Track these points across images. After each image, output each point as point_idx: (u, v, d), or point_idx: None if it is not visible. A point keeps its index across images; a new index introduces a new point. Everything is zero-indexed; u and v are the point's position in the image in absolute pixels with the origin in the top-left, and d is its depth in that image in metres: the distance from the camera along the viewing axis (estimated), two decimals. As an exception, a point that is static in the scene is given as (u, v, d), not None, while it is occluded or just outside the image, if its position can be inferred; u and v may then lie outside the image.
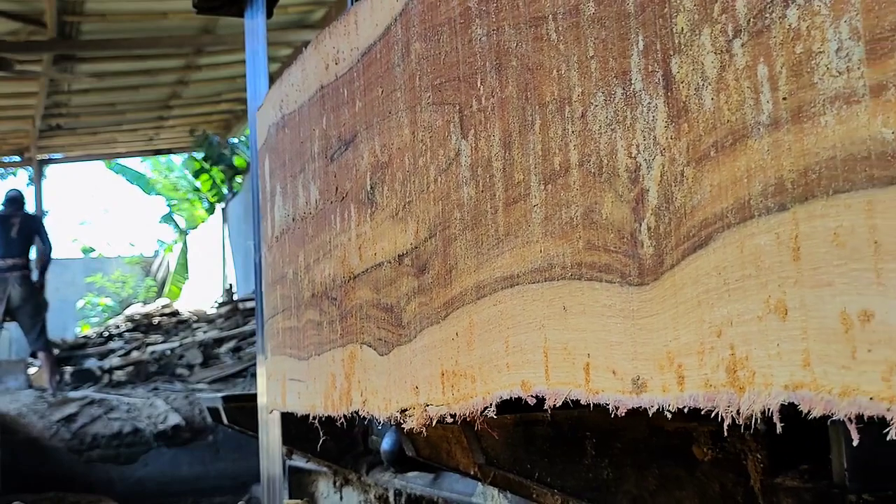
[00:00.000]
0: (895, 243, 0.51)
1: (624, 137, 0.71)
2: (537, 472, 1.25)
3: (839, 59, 0.54)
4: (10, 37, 7.93)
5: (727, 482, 1.33)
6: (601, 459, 1.28)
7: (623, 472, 1.29)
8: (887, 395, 0.51)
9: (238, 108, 9.53)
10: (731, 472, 1.33)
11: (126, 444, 8.26)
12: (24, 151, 10.59)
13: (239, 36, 4.14)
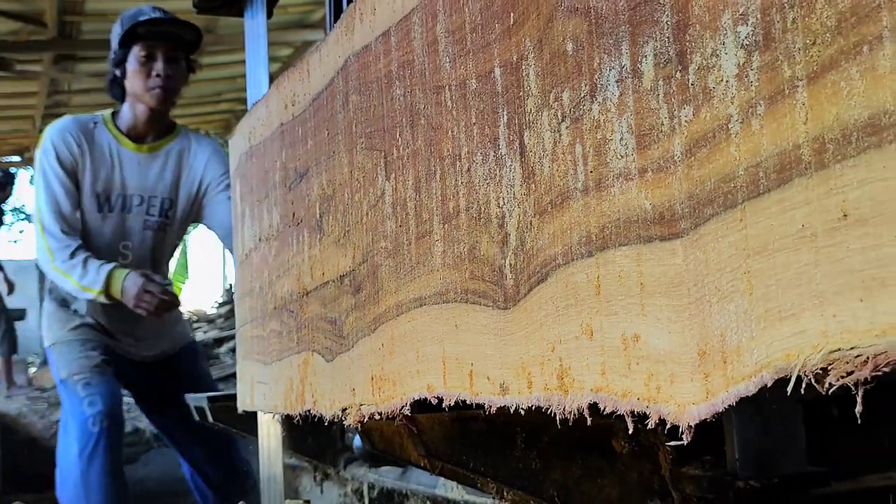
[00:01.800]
0: (653, 285, 0.72)
1: (494, 191, 0.92)
2: (472, 462, 1.46)
3: (621, 146, 0.75)
4: (11, 37, 8.11)
5: (644, 471, 1.54)
6: (530, 451, 1.49)
7: (550, 463, 1.50)
8: (647, 397, 0.72)
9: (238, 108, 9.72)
10: (646, 463, 1.53)
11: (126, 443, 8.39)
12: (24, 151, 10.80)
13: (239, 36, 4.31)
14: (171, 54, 3.03)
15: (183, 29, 3.11)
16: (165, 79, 3.00)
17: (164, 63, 3.01)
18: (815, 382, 0.59)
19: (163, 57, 3.02)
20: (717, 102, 0.65)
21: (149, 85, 3.04)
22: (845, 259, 0.56)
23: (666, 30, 0.70)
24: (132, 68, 3.11)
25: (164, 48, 3.02)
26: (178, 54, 3.06)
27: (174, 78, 3.04)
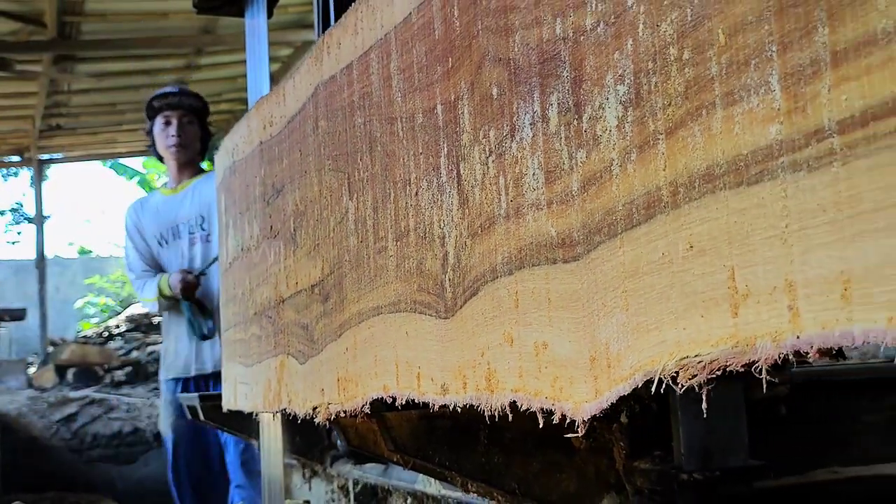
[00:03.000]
0: (558, 300, 0.86)
1: (437, 214, 1.06)
2: (438, 457, 1.60)
3: (533, 180, 0.89)
4: (11, 37, 8.20)
5: (600, 466, 1.67)
6: (492, 447, 1.63)
7: (511, 458, 1.64)
8: (553, 396, 0.86)
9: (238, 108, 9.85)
10: (603, 458, 1.66)
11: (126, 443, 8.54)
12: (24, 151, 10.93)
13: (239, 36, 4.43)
14: (183, 119, 4.00)
15: (190, 98, 4.10)
16: (178, 137, 3.96)
17: (178, 126, 3.97)
18: (672, 383, 0.72)
19: (176, 122, 3.98)
20: (603, 148, 0.79)
21: (167, 143, 3.99)
22: (691, 282, 0.70)
23: (566, 83, 0.83)
24: (156, 133, 4.05)
25: (178, 115, 3.99)
26: (190, 118, 4.03)
27: (186, 136, 4.00)
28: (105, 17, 8.19)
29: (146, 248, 4.06)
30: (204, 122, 4.11)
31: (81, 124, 10.46)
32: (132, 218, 4.12)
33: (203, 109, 4.12)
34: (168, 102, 4.00)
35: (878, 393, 1.83)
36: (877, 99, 0.55)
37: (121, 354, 10.00)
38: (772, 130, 0.63)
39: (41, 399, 8.50)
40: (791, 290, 0.61)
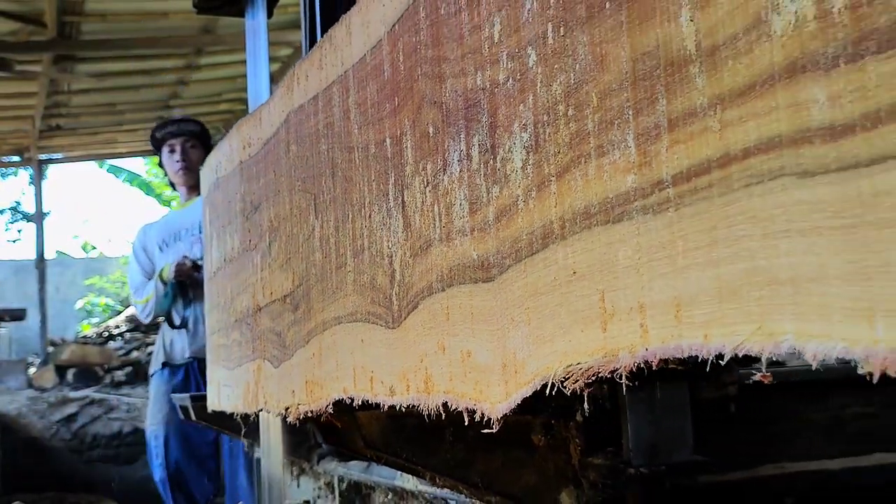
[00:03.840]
0: (479, 314, 1.01)
1: (386, 235, 1.21)
2: (405, 453, 1.76)
3: (460, 210, 1.04)
4: (11, 37, 8.30)
5: (559, 461, 1.82)
6: (457, 444, 1.78)
7: (475, 455, 1.79)
8: (475, 398, 1.01)
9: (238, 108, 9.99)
10: (561, 454, 1.82)
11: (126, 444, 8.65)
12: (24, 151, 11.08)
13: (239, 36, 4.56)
14: (186, 144, 4.44)
15: (189, 124, 4.60)
16: (183, 161, 4.42)
17: (182, 152, 4.42)
18: (562, 387, 0.88)
19: (180, 148, 4.43)
20: (512, 185, 0.94)
21: (174, 169, 4.47)
22: (574, 302, 0.85)
23: (485, 127, 0.99)
24: (164, 161, 4.54)
25: (181, 141, 4.44)
26: (193, 142, 4.46)
27: (190, 159, 4.41)
28: (105, 17, 8.29)
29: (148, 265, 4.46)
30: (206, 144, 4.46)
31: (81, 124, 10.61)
32: (140, 239, 4.56)
33: (203, 133, 4.57)
34: (170, 131, 4.47)
35: (822, 393, 1.99)
36: (696, 159, 0.71)
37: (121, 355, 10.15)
38: (629, 179, 0.78)
39: (41, 399, 8.62)
40: (642, 311, 0.77)
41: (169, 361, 4.39)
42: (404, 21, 1.14)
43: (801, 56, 0.62)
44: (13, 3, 7.98)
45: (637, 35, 0.77)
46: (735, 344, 0.67)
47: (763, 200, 0.65)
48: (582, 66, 0.83)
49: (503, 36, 0.95)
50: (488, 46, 0.97)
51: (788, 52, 0.63)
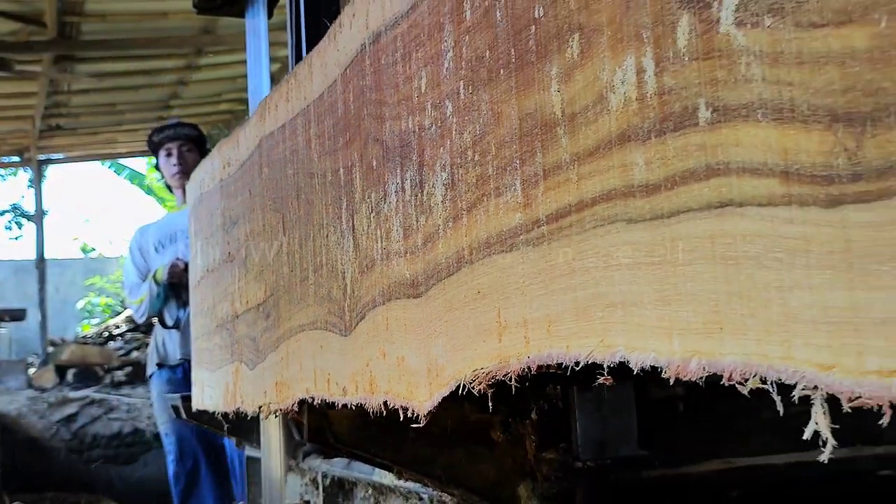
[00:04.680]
0: (411, 325, 1.21)
1: (340, 254, 1.41)
2: (372, 448, 1.95)
3: (397, 235, 1.23)
4: (10, 37, 8.42)
5: (516, 456, 2.01)
6: (421, 440, 1.97)
7: (438, 450, 1.98)
8: (407, 397, 1.21)
9: (238, 108, 10.18)
10: (518, 450, 2.01)
11: (126, 444, 8.79)
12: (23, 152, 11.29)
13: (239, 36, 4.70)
14: (182, 148, 4.61)
15: (185, 128, 4.77)
16: (179, 165, 4.56)
17: (178, 155, 4.58)
18: (471, 388, 1.07)
19: (176, 151, 4.60)
20: (434, 216, 1.14)
21: (171, 172, 4.63)
22: (478, 317, 1.04)
23: (415, 165, 1.18)
24: (161, 165, 4.72)
25: (177, 145, 4.61)
26: (189, 146, 4.64)
27: (186, 163, 4.52)
28: (105, 17, 8.41)
29: (144, 266, 4.65)
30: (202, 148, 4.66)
31: (81, 124, 10.81)
32: (136, 240, 4.75)
33: (199, 137, 4.76)
34: (166, 135, 4.65)
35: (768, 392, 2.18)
36: (562, 204, 0.90)
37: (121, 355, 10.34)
38: (516, 217, 0.97)
39: (41, 399, 8.75)
40: (525, 325, 0.96)
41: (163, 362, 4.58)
42: (354, 66, 1.33)
43: (628, 128, 0.81)
44: (13, 3, 8.11)
45: (522, 98, 0.96)
46: (586, 354, 0.86)
47: (604, 240, 0.84)
48: (484, 119, 1.03)
49: (428, 88, 1.14)
50: (417, 96, 1.16)
51: (620, 123, 0.82)
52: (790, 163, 0.65)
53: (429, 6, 1.12)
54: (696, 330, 0.73)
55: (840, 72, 0.61)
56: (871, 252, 0.59)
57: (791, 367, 0.65)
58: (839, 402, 0.63)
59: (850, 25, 0.60)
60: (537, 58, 0.93)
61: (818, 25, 0.62)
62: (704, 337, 0.73)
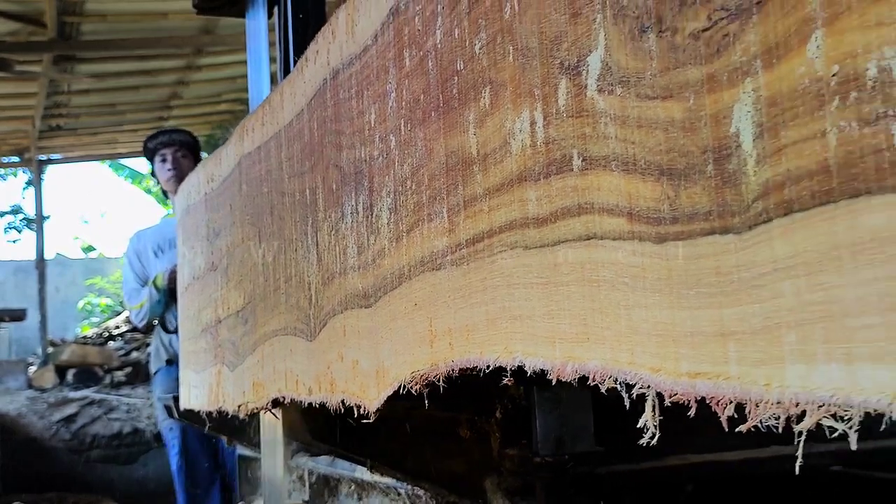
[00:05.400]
0: (363, 332, 1.39)
1: (306, 267, 1.59)
2: (347, 444, 2.13)
3: (352, 251, 1.41)
4: (10, 37, 8.52)
5: (482, 452, 2.20)
6: (392, 437, 2.15)
7: (409, 446, 2.16)
8: (360, 396, 1.39)
9: (238, 108, 10.36)
10: (484, 446, 2.19)
11: (126, 444, 8.92)
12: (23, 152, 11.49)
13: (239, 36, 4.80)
14: (176, 154, 4.83)
15: (180, 134, 5.03)
16: (174, 170, 4.76)
17: (173, 161, 4.80)
18: (410, 389, 1.25)
19: (171, 157, 4.82)
20: (381, 236, 1.32)
21: (166, 177, 4.82)
22: (415, 326, 1.22)
23: (366, 190, 1.36)
24: (156, 170, 4.91)
25: (171, 151, 4.83)
26: (183, 152, 4.85)
27: (181, 168, 4.72)
28: (105, 17, 8.53)
29: (142, 271, 4.86)
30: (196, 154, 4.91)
31: (81, 125, 10.99)
32: (133, 245, 4.96)
33: (193, 143, 4.97)
34: (161, 142, 4.86)
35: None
36: (477, 231, 1.08)
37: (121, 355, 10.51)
38: (444, 240, 1.15)
39: (41, 399, 8.89)
40: (451, 333, 1.14)
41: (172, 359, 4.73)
42: (317, 98, 1.51)
43: (524, 169, 0.99)
44: (13, 3, 8.23)
45: (448, 138, 1.14)
46: (494, 358, 1.04)
47: (507, 262, 1.02)
48: (420, 154, 1.21)
49: (376, 122, 1.32)
50: (367, 128, 1.34)
51: (519, 165, 1.00)
52: (633, 206, 0.83)
53: (377, 51, 1.30)
54: (571, 339, 0.91)
55: (665, 136, 0.79)
56: (682, 280, 0.77)
57: (633, 371, 0.83)
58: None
59: (670, 100, 0.78)
60: (459, 104, 1.11)
61: (651, 98, 0.80)
62: (577, 345, 0.91)
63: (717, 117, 0.73)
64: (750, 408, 0.73)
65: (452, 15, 1.11)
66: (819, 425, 0.72)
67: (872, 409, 0.63)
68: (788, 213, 0.67)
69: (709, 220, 0.74)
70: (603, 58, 0.86)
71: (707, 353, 0.75)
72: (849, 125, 0.62)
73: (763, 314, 0.70)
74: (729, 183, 0.73)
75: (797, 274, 0.67)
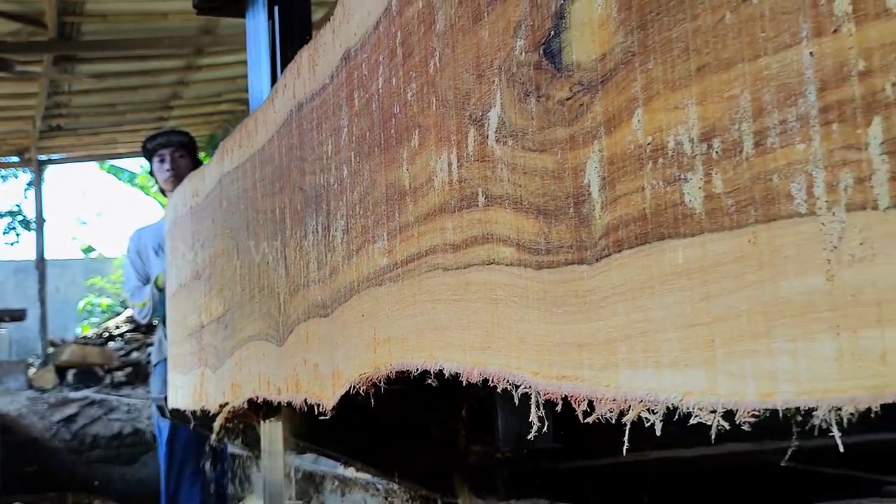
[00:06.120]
0: (323, 338, 1.59)
1: (276, 279, 1.79)
2: (325, 441, 2.34)
3: (314, 265, 1.62)
4: (11, 37, 8.66)
5: (452, 449, 2.40)
6: (366, 434, 2.36)
7: (382, 443, 2.37)
8: (321, 395, 1.59)
9: (238, 108, 10.57)
10: (454, 443, 2.39)
11: (126, 444, 9.06)
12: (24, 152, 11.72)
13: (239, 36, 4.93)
14: (174, 154, 5.06)
15: (178, 135, 5.25)
16: (172, 171, 5.00)
17: (171, 161, 5.03)
18: (359, 390, 1.45)
19: (169, 158, 5.05)
20: (337, 254, 1.52)
21: (164, 177, 5.06)
22: (363, 333, 1.43)
23: (324, 212, 1.57)
24: (154, 171, 5.15)
25: (170, 151, 5.06)
26: (181, 152, 5.08)
27: (179, 168, 4.96)
28: (105, 17, 8.70)
29: (143, 268, 5.10)
30: (194, 154, 5.15)
31: (82, 125, 11.21)
32: (134, 243, 5.20)
33: (191, 143, 5.19)
34: (159, 143, 5.09)
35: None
36: (410, 252, 1.28)
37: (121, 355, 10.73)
38: (384, 260, 1.36)
39: (41, 400, 9.06)
40: (391, 341, 1.34)
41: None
42: (285, 126, 1.72)
43: (444, 203, 1.19)
44: (13, 3, 8.39)
45: (388, 172, 1.34)
46: (421, 363, 1.24)
47: (431, 281, 1.22)
48: (366, 184, 1.41)
49: (333, 153, 1.52)
50: (325, 158, 1.55)
51: (440, 199, 1.20)
52: (520, 238, 1.03)
53: (333, 89, 1.51)
54: (477, 347, 1.12)
55: (541, 182, 0.99)
56: (553, 300, 0.97)
57: (520, 374, 1.03)
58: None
59: (545, 153, 0.98)
60: (396, 143, 1.31)
61: (532, 150, 1.01)
62: (481, 352, 1.11)
63: (576, 170, 0.94)
64: (597, 404, 0.93)
65: (391, 65, 1.32)
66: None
67: (671, 404, 0.83)
68: (621, 250, 0.87)
69: (570, 252, 0.95)
70: (500, 114, 1.06)
71: (569, 360, 0.95)
72: (658, 184, 0.82)
73: (605, 329, 0.90)
74: (583, 223, 0.93)
75: (626, 298, 0.87)
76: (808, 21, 0.68)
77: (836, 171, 0.66)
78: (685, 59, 0.80)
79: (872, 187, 0.64)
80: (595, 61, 0.91)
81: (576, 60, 0.94)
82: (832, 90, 0.67)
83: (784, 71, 0.70)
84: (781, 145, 0.71)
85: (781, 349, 0.71)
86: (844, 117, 0.66)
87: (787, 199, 0.70)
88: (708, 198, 0.77)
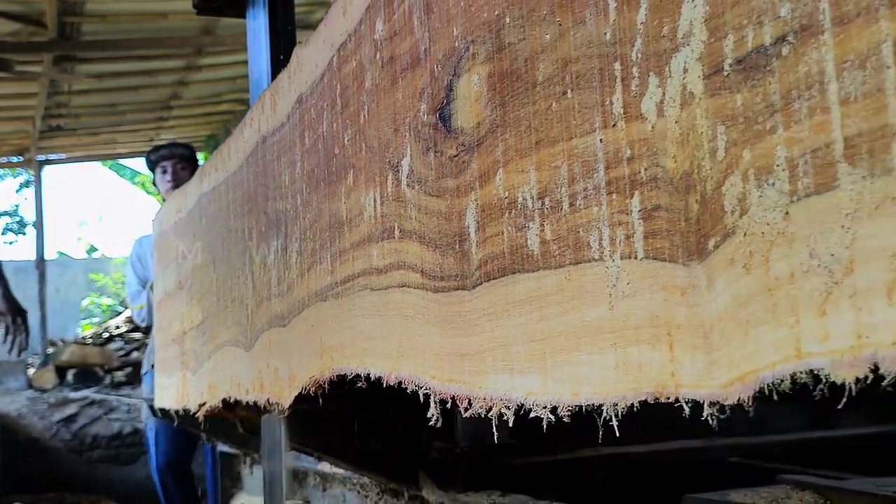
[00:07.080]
0: (283, 346, 1.86)
1: (244, 291, 2.06)
2: (298, 438, 2.61)
3: (275, 281, 1.89)
4: (11, 37, 8.83)
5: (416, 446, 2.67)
6: (338, 432, 2.63)
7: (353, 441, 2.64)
8: (281, 396, 1.86)
9: (238, 108, 10.80)
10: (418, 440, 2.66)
11: (126, 444, 9.21)
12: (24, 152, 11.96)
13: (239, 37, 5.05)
14: (176, 166, 5.42)
15: (179, 148, 5.61)
16: (174, 181, 5.28)
17: (172, 173, 5.39)
18: (309, 392, 1.72)
19: (171, 169, 5.41)
20: (292, 271, 1.79)
21: (166, 188, 5.37)
22: (314, 341, 1.70)
23: (283, 234, 1.84)
24: (157, 180, 5.53)
25: (171, 163, 5.43)
26: (183, 164, 5.42)
27: (180, 180, 5.12)
28: (105, 17, 8.83)
29: (143, 273, 5.44)
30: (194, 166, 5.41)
31: (82, 125, 11.45)
32: (135, 250, 5.59)
33: (193, 156, 5.57)
34: (162, 154, 5.47)
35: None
36: (347, 273, 1.55)
37: (121, 355, 10.98)
38: (328, 279, 1.62)
39: (41, 400, 9.29)
40: (332, 349, 1.61)
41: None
42: (252, 155, 1.99)
43: (371, 233, 1.46)
44: (13, 3, 8.53)
45: (330, 203, 1.61)
46: (354, 368, 1.51)
47: (361, 299, 1.49)
48: (315, 212, 1.68)
49: (289, 183, 1.79)
50: (283, 187, 1.82)
51: (368, 229, 1.47)
52: (424, 266, 1.29)
53: (289, 128, 1.78)
54: (394, 356, 1.38)
55: (438, 222, 1.26)
56: (445, 319, 1.24)
57: (422, 378, 1.30)
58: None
59: (440, 199, 1.25)
60: (337, 179, 1.58)
61: (432, 195, 1.27)
62: (396, 360, 1.38)
63: (460, 214, 1.20)
64: (474, 402, 1.19)
65: (333, 112, 1.58)
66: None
67: (521, 402, 1.09)
68: (489, 280, 1.14)
69: (456, 280, 1.21)
70: (410, 163, 1.33)
71: (456, 367, 1.22)
72: (511, 229, 1.09)
73: (478, 343, 1.16)
74: (465, 257, 1.19)
75: (491, 318, 1.13)
76: (599, 115, 0.95)
77: (614, 229, 0.93)
78: (529, 134, 1.06)
79: (634, 242, 0.90)
80: (473, 128, 1.17)
81: (461, 125, 1.20)
82: (613, 169, 0.93)
83: (587, 151, 0.97)
84: (585, 206, 0.97)
85: (584, 360, 0.97)
86: (619, 190, 0.92)
87: (587, 247, 0.96)
88: (542, 242, 1.04)
